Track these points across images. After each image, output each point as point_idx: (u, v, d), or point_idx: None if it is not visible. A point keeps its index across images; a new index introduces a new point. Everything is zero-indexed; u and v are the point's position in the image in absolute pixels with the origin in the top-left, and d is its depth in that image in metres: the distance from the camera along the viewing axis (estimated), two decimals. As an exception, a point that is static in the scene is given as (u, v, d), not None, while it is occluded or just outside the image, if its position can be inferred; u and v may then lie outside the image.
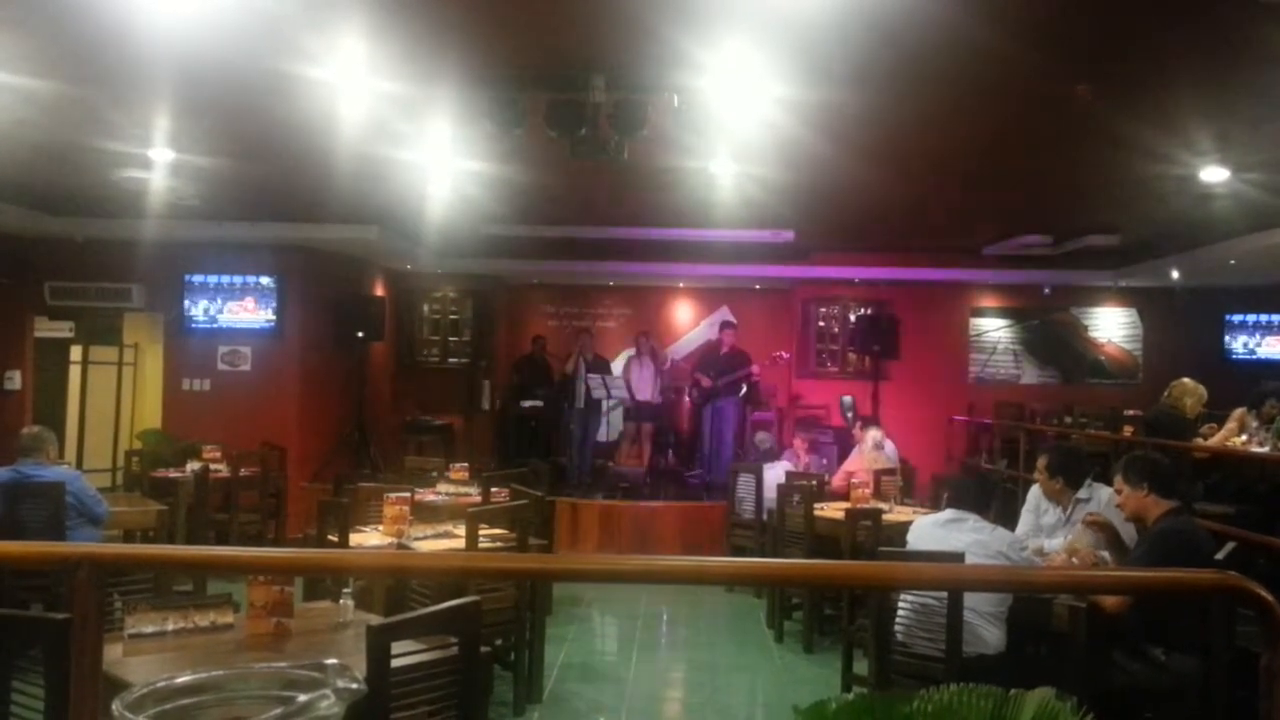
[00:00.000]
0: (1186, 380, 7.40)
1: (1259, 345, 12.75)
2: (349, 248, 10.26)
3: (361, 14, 4.19)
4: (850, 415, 11.41)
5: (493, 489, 6.61)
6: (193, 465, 7.95)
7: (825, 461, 8.88)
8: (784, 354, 10.86)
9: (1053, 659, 4.30)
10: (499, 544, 5.27)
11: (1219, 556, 4.38)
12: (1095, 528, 4.41)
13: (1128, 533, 4.41)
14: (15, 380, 9.78)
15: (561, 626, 6.69)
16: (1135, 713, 4.06)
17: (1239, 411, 7.11)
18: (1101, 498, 4.79)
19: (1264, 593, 1.56)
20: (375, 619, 3.45)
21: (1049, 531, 4.99)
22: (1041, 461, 5.05)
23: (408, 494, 5.69)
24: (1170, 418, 7.17)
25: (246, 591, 3.63)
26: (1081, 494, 4.90)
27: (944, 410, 12.04)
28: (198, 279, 9.97)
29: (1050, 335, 12.92)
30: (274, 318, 9.92)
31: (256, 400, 9.80)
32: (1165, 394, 7.43)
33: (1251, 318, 12.76)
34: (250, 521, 8.16)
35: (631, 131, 4.92)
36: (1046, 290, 12.52)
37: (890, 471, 7.39)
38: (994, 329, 12.91)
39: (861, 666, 4.92)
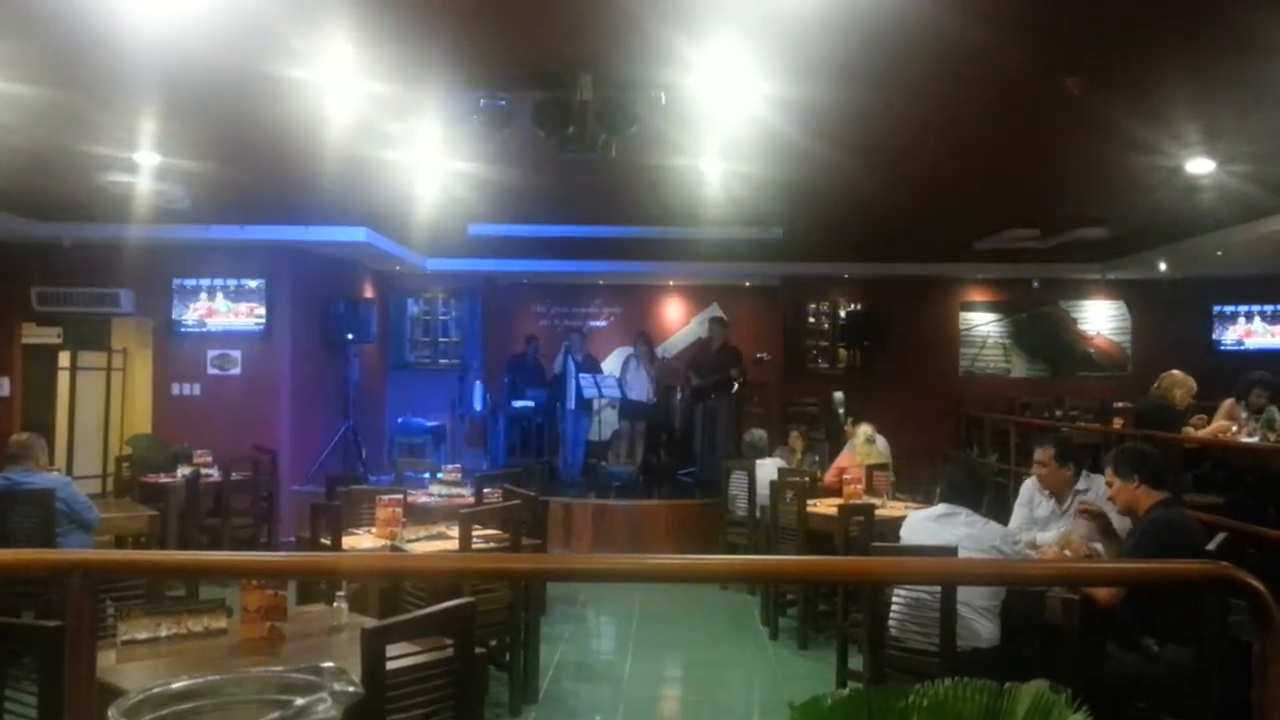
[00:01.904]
0: (1176, 372, 7.43)
1: (1247, 335, 12.82)
2: (337, 249, 10.23)
3: (348, 15, 4.18)
4: (841, 411, 11.43)
5: (485, 490, 6.60)
6: (183, 470, 7.91)
7: (817, 458, 8.89)
8: (765, 355, 10.86)
9: (1046, 651, 4.32)
10: (492, 545, 5.26)
11: (1210, 547, 4.40)
12: (1088, 516, 4.43)
13: (1120, 522, 4.43)
14: (3, 387, 9.73)
15: (556, 626, 6.70)
16: (1129, 703, 4.08)
17: (1228, 403, 7.14)
18: (1098, 487, 4.80)
19: (1255, 582, 1.57)
20: (369, 622, 3.44)
21: (1042, 525, 5.00)
22: (1048, 453, 4.98)
23: (400, 496, 5.68)
24: (1160, 409, 7.20)
25: (239, 596, 3.62)
26: (1080, 485, 4.91)
27: (935, 405, 12.07)
28: (186, 283, 9.93)
29: (1039, 328, 12.97)
30: (263, 321, 9.89)
31: (247, 404, 9.77)
32: (1155, 386, 7.47)
33: (1239, 308, 12.83)
34: (242, 526, 8.13)
35: (620, 130, 4.92)
36: (1035, 284, 12.58)
37: (882, 467, 7.41)
38: (983, 323, 12.95)
39: (856, 662, 4.93)
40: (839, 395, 11.92)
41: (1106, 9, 4.16)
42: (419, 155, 6.47)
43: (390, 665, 2.93)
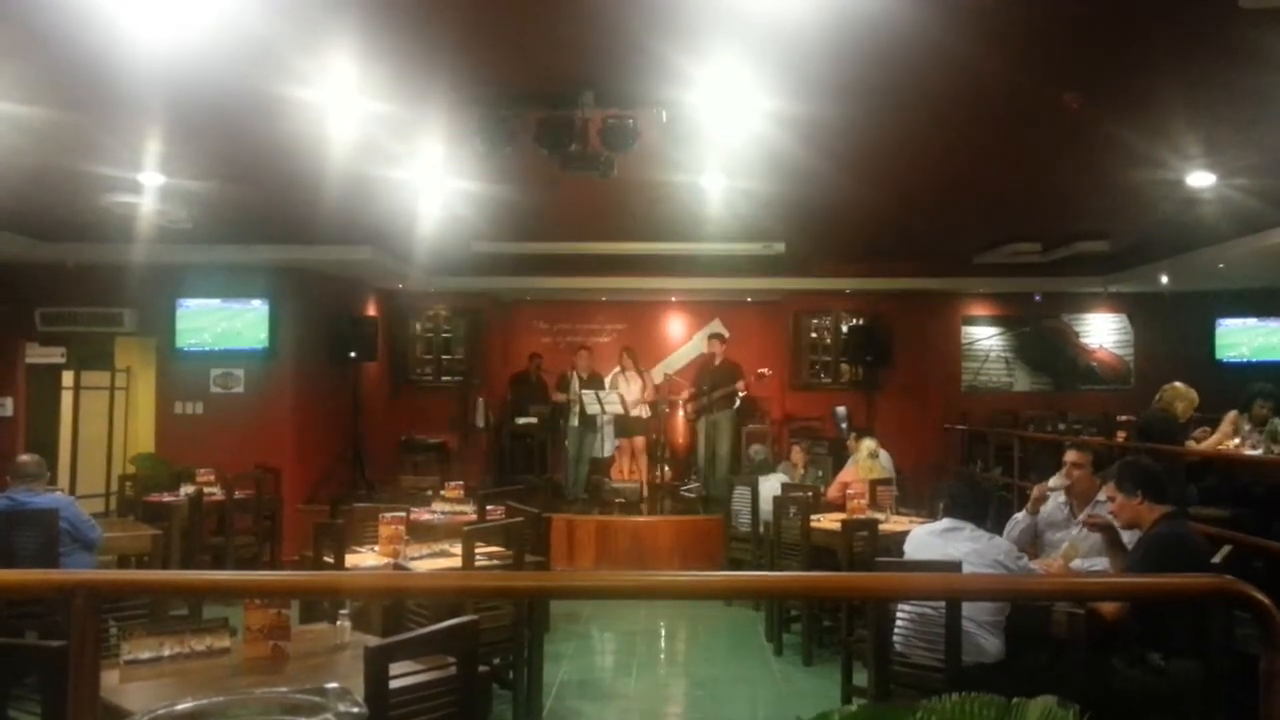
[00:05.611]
0: (1178, 384, 7.41)
1: (1249, 348, 12.80)
2: (341, 268, 10.26)
3: (351, 35, 4.20)
4: (844, 426, 11.41)
5: (488, 507, 6.59)
6: (187, 489, 7.91)
7: (820, 473, 8.87)
8: (766, 370, 10.84)
9: (1052, 666, 4.30)
10: (495, 562, 5.26)
11: (1215, 560, 4.39)
12: (1095, 530, 4.41)
13: (1129, 536, 4.41)
14: (7, 407, 9.74)
15: (560, 644, 6.67)
16: (1136, 719, 4.06)
17: (1231, 414, 7.12)
18: None
19: (1261, 596, 1.57)
20: (373, 640, 3.44)
21: (1046, 525, 5.00)
22: (1087, 456, 5.08)
23: (403, 514, 5.68)
24: (1162, 422, 7.18)
25: (243, 615, 3.62)
26: (1101, 496, 4.88)
27: (937, 419, 12.05)
28: (190, 302, 9.96)
29: (1041, 342, 12.96)
30: (267, 339, 9.90)
31: (250, 422, 9.77)
32: (1156, 398, 7.45)
33: (1242, 321, 12.82)
34: (245, 545, 8.12)
35: (621, 147, 4.94)
36: (1037, 297, 12.57)
37: (886, 481, 7.40)
38: (985, 337, 12.94)
39: (861, 677, 4.91)
40: (841, 410, 11.90)
41: (1104, 24, 4.18)
42: (422, 174, 6.50)
43: (394, 684, 2.92)
